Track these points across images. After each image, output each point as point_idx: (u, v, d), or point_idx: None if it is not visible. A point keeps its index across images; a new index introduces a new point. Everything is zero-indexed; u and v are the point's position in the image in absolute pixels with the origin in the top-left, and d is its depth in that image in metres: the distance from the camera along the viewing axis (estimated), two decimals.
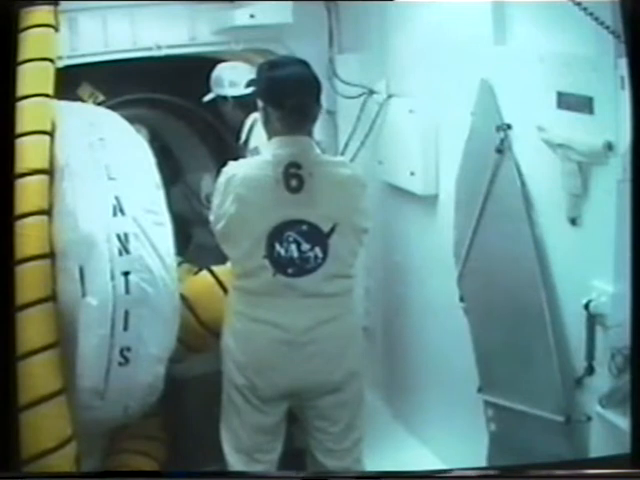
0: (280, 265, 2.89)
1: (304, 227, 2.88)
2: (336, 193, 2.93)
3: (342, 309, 2.98)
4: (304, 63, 3.00)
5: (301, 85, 2.93)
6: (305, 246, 2.89)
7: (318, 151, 3.02)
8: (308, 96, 2.94)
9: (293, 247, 2.88)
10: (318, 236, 2.89)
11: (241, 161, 3.09)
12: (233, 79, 4.02)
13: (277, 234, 2.88)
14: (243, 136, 3.94)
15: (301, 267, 2.89)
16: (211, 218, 3.03)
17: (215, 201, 3.00)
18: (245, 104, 3.89)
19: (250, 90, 3.63)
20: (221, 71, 4.08)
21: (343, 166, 3.04)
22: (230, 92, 4.04)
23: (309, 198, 2.89)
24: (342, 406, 3.02)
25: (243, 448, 3.01)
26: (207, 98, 4.14)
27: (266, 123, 2.99)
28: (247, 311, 2.96)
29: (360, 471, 3.06)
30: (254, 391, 2.95)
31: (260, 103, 2.98)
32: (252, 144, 3.82)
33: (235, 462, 3.02)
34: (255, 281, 2.92)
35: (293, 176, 2.88)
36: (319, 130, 3.50)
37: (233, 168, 2.99)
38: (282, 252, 2.88)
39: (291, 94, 2.89)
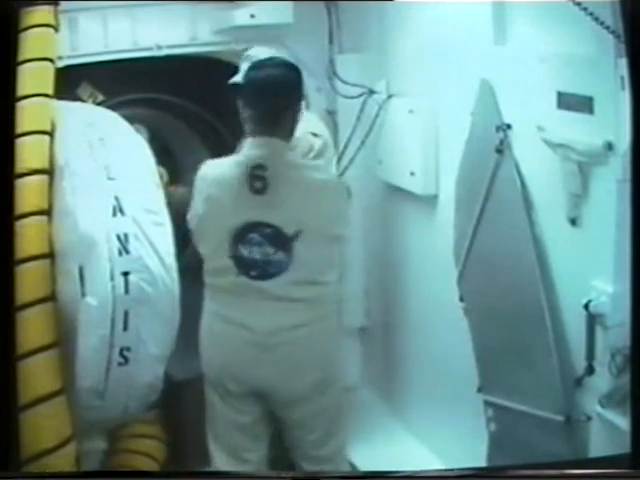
0: (243, 266, 2.89)
1: (267, 230, 2.86)
2: (303, 197, 2.90)
3: (311, 316, 2.93)
4: (290, 66, 2.99)
5: (273, 89, 2.91)
6: (269, 249, 2.87)
7: (292, 154, 3.00)
8: (280, 100, 2.93)
9: (256, 249, 2.87)
10: (281, 239, 2.86)
11: (216, 161, 3.08)
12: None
13: (241, 235, 2.88)
14: None
15: (264, 270, 2.88)
16: (187, 217, 3.04)
17: (192, 200, 3.02)
18: None
19: None
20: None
21: (316, 170, 3.02)
22: None
23: (273, 200, 2.87)
24: (315, 416, 2.99)
25: (225, 446, 3.03)
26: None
27: (244, 122, 3.01)
28: (216, 308, 2.98)
29: (350, 471, 3.06)
30: (225, 388, 2.96)
31: (240, 102, 3.00)
32: None
33: (219, 461, 3.04)
34: (222, 280, 2.94)
35: (257, 178, 2.87)
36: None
37: (207, 167, 3.01)
38: (245, 253, 2.88)
39: (262, 97, 2.91)
